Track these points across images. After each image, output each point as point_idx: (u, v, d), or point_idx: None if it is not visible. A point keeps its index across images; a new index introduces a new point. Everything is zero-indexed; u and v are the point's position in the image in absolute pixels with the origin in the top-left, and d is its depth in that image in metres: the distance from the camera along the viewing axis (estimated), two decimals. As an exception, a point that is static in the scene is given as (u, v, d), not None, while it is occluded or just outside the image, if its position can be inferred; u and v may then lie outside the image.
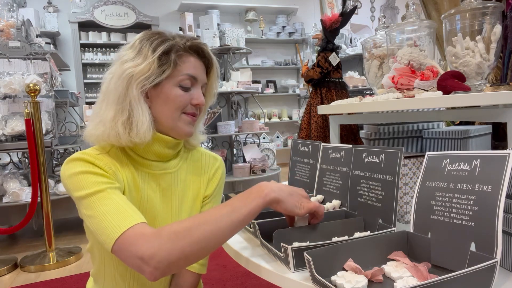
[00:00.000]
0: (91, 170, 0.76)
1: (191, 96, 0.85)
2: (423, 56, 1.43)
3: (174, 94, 0.83)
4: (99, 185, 0.74)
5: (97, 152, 0.82)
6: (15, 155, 3.50)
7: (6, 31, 2.90)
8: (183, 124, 0.85)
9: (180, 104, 0.84)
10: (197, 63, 0.86)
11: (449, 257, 0.66)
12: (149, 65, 0.79)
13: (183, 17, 3.83)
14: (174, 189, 0.91)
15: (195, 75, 0.85)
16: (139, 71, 0.79)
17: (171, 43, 0.82)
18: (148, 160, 0.87)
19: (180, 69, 0.82)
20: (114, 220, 0.69)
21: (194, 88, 0.86)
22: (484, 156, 0.64)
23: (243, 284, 2.01)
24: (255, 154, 3.83)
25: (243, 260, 0.83)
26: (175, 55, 0.81)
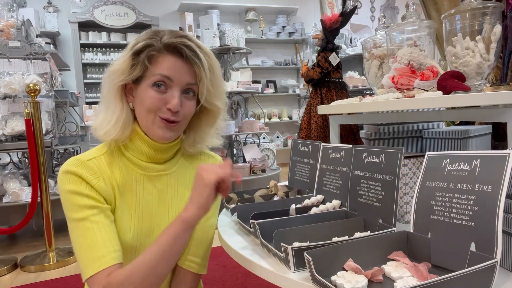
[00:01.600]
0: (78, 190, 0.78)
1: (165, 99, 0.80)
2: (423, 56, 1.43)
3: (147, 95, 0.80)
4: (83, 212, 0.77)
5: (92, 156, 0.84)
6: (15, 155, 3.50)
7: (6, 31, 2.90)
8: (157, 127, 0.82)
9: (151, 106, 0.80)
10: (176, 63, 0.80)
11: (449, 257, 0.66)
12: (122, 63, 0.81)
13: (183, 17, 3.83)
14: (171, 190, 0.90)
15: (169, 75, 0.79)
16: (114, 69, 0.81)
17: (149, 42, 0.80)
18: (143, 162, 0.87)
19: (152, 70, 0.80)
20: (86, 259, 0.75)
21: (170, 91, 0.80)
22: (484, 156, 0.64)
23: (243, 284, 2.01)
24: (255, 154, 3.83)
25: (243, 260, 0.83)
26: (146, 55, 0.80)
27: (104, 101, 0.84)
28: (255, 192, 1.25)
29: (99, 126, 0.83)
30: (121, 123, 0.82)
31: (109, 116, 0.83)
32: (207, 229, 0.96)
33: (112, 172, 0.84)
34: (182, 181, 0.92)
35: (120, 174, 0.85)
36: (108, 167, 0.84)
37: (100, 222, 0.78)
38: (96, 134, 0.84)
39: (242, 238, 0.95)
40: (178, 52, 0.80)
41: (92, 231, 0.76)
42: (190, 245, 0.93)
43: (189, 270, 0.92)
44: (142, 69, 0.80)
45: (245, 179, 3.55)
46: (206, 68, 0.81)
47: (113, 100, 0.83)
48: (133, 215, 0.85)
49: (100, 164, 0.83)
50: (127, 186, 0.85)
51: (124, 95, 0.85)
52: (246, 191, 1.27)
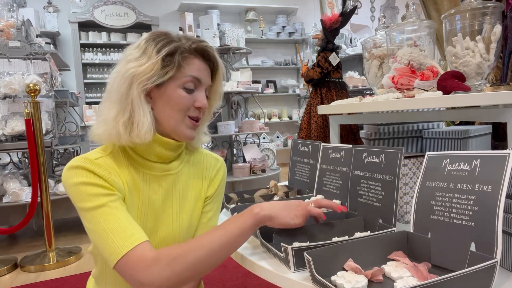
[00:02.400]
0: (91, 181, 0.76)
1: (194, 99, 0.85)
2: (423, 56, 1.43)
3: (177, 95, 0.82)
4: (100, 199, 0.75)
5: (98, 155, 0.82)
6: (15, 155, 3.50)
7: (6, 31, 2.90)
8: (185, 127, 0.85)
9: (183, 106, 0.83)
10: (202, 65, 0.85)
11: (449, 257, 0.66)
12: (152, 65, 0.79)
13: (183, 17, 3.83)
14: (175, 190, 0.91)
15: (199, 77, 0.84)
16: (141, 71, 0.79)
17: (177, 44, 0.82)
18: (150, 161, 0.87)
19: (184, 71, 0.82)
20: (116, 240, 0.71)
21: (197, 91, 0.85)
22: (484, 156, 0.64)
23: (243, 284, 2.01)
24: (255, 154, 3.83)
25: (243, 260, 0.83)
26: (179, 56, 0.81)
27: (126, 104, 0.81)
28: (255, 192, 1.25)
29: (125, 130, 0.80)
30: (152, 126, 0.81)
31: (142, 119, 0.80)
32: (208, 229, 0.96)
33: (120, 171, 0.83)
34: (186, 181, 0.93)
35: (129, 173, 0.85)
36: (116, 166, 0.83)
37: (119, 208, 0.76)
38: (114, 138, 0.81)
39: (242, 238, 0.94)
40: (205, 56, 0.86)
41: (114, 215, 0.74)
42: None
43: None
44: (175, 71, 0.81)
45: (245, 179, 3.55)
46: (220, 71, 0.90)
47: (143, 103, 0.81)
48: (139, 214, 0.85)
49: (108, 163, 0.82)
50: (135, 186, 0.85)
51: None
52: (246, 191, 1.27)
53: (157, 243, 0.86)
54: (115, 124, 0.80)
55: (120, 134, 0.80)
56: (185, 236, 0.91)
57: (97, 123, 0.84)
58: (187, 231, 0.91)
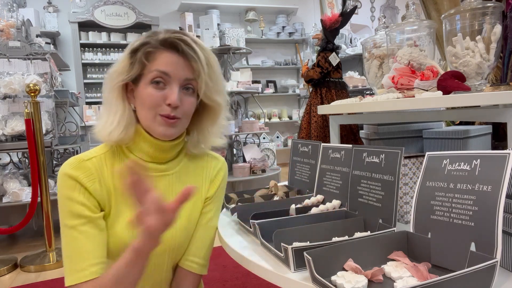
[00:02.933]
0: (71, 196, 0.79)
1: (165, 95, 0.80)
2: (423, 56, 1.43)
3: (146, 92, 0.81)
4: (72, 219, 0.79)
5: (92, 155, 0.84)
6: (15, 155, 3.50)
7: (6, 31, 2.90)
8: (158, 125, 0.82)
9: (151, 104, 0.80)
10: (173, 58, 0.80)
11: (449, 257, 0.66)
12: (121, 63, 0.82)
13: (183, 17, 3.83)
14: (172, 191, 0.90)
15: (167, 71, 0.79)
16: (114, 70, 0.82)
17: (145, 40, 0.81)
18: (145, 162, 0.87)
19: (150, 67, 0.80)
20: (69, 268, 0.78)
21: (169, 87, 0.80)
22: (484, 156, 0.64)
23: (243, 284, 2.01)
24: (255, 154, 3.83)
25: (243, 260, 0.83)
26: (143, 52, 0.80)
27: (106, 103, 0.85)
28: (255, 192, 1.25)
29: (102, 127, 0.84)
30: (124, 124, 0.83)
31: (112, 117, 0.83)
32: (209, 230, 0.96)
33: (111, 173, 0.84)
34: (184, 181, 0.92)
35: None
36: (108, 167, 0.84)
37: (86, 232, 0.79)
38: (99, 135, 0.84)
39: (242, 238, 0.94)
40: (174, 48, 0.80)
41: (78, 241, 0.78)
42: (191, 246, 0.93)
43: (189, 270, 0.92)
44: (140, 67, 0.81)
45: (245, 179, 3.55)
46: (203, 62, 0.81)
47: (114, 101, 0.83)
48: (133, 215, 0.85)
49: (99, 164, 0.84)
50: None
51: (126, 96, 0.85)
52: (246, 191, 1.27)
53: None
54: (102, 124, 0.83)
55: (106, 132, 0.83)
56: (183, 237, 0.90)
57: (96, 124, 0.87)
58: (184, 232, 0.90)
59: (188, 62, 0.81)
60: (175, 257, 0.91)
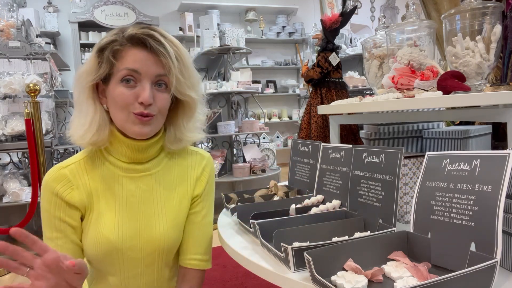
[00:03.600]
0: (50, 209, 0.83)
1: (137, 93, 0.78)
2: (423, 56, 1.43)
3: (116, 92, 0.78)
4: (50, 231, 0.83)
5: (71, 162, 0.85)
6: (15, 155, 3.50)
7: (6, 31, 2.90)
8: (132, 124, 0.80)
9: (123, 103, 0.78)
10: (142, 55, 0.78)
11: (449, 257, 0.66)
12: (90, 63, 0.80)
13: (183, 17, 3.83)
14: (156, 191, 0.89)
15: (136, 68, 0.77)
16: (81, 71, 0.81)
17: (111, 38, 0.79)
18: (125, 163, 0.86)
19: (118, 65, 0.78)
20: None
21: (140, 84, 0.78)
22: (484, 156, 0.64)
23: (243, 284, 2.01)
24: (255, 154, 3.83)
25: (243, 260, 0.83)
26: (110, 51, 0.78)
27: (77, 105, 0.83)
28: (255, 192, 1.25)
29: (74, 130, 0.82)
30: (96, 125, 0.80)
31: (83, 119, 0.81)
32: (205, 227, 0.96)
33: (91, 176, 0.85)
34: (168, 180, 0.91)
35: (101, 177, 0.85)
36: (87, 171, 0.85)
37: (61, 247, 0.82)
38: (72, 139, 0.83)
39: (242, 238, 0.94)
40: (142, 44, 0.78)
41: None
42: (190, 246, 0.93)
43: (193, 268, 0.93)
44: (108, 66, 0.79)
45: (245, 179, 3.54)
46: (173, 57, 0.79)
47: (85, 102, 0.81)
48: (116, 217, 0.85)
49: (77, 170, 0.84)
50: (109, 189, 0.85)
51: (97, 97, 0.83)
52: (246, 191, 1.27)
53: (141, 245, 0.85)
54: (75, 127, 0.82)
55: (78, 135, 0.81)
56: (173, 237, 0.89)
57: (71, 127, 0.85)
58: (173, 232, 0.89)
59: (157, 58, 0.79)
60: (167, 256, 0.91)
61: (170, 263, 0.93)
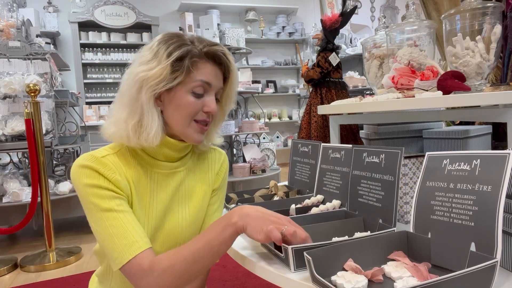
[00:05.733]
0: (98, 183, 0.78)
1: (203, 103, 0.84)
2: (423, 56, 1.43)
3: (186, 100, 0.82)
4: (107, 202, 0.78)
5: (105, 153, 0.83)
6: (15, 155, 3.50)
7: (6, 31, 2.90)
8: (193, 131, 0.85)
9: (191, 111, 0.83)
10: (213, 69, 0.84)
11: (449, 257, 0.66)
12: (161, 70, 0.79)
13: (183, 17, 3.83)
14: (183, 187, 0.92)
15: (209, 81, 0.83)
16: (151, 76, 0.79)
17: (187, 48, 0.81)
18: (158, 160, 0.88)
19: (193, 76, 0.81)
20: (120, 245, 0.76)
21: (207, 95, 0.84)
22: (484, 156, 0.64)
23: (243, 284, 2.01)
24: (255, 154, 3.83)
25: (243, 260, 0.83)
26: (189, 61, 0.80)
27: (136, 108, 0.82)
28: (255, 192, 1.25)
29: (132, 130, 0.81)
30: (155, 128, 0.81)
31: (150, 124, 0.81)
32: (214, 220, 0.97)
33: (127, 169, 0.84)
34: (193, 177, 0.95)
35: (136, 171, 0.85)
36: (123, 164, 0.84)
37: (125, 211, 0.79)
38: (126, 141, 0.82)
39: (242, 238, 0.95)
40: (216, 60, 0.84)
41: (120, 220, 0.77)
42: None
43: None
44: (184, 75, 0.81)
45: (245, 179, 3.55)
46: (235, 74, 0.89)
47: (150, 106, 0.81)
48: (147, 212, 0.86)
49: (115, 161, 0.83)
50: (142, 184, 0.86)
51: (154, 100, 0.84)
52: (246, 191, 1.27)
53: (163, 237, 0.88)
54: (126, 127, 0.81)
55: (130, 137, 0.81)
56: (191, 230, 0.92)
57: (108, 123, 0.85)
58: (192, 225, 0.92)
59: (221, 73, 0.87)
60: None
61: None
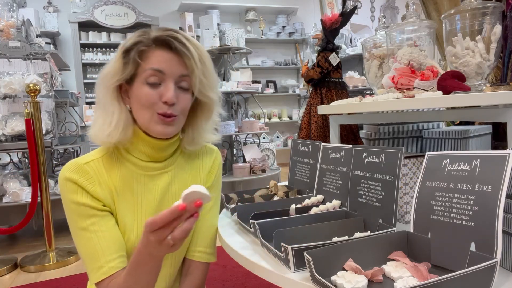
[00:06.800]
0: (75, 199, 0.80)
1: (161, 93, 0.80)
2: (423, 56, 1.43)
3: (141, 92, 0.80)
4: (82, 221, 0.80)
5: (90, 159, 0.84)
6: (15, 155, 3.50)
7: (6, 31, 2.90)
8: (155, 124, 0.81)
9: (148, 102, 0.80)
10: (167, 55, 0.80)
11: (449, 257, 0.66)
12: (114, 64, 0.81)
13: (183, 17, 3.83)
14: (173, 188, 0.91)
15: (161, 69, 0.79)
16: (107, 72, 0.82)
17: (137, 39, 0.81)
18: (143, 162, 0.87)
19: (144, 66, 0.80)
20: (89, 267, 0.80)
21: (164, 84, 0.80)
22: (484, 156, 0.64)
23: (243, 284, 2.01)
24: (255, 154, 3.83)
25: (243, 260, 0.83)
26: (136, 51, 0.80)
27: (100, 105, 0.84)
28: (255, 192, 1.25)
29: (99, 129, 0.83)
30: (122, 125, 0.82)
31: (109, 119, 0.82)
32: (211, 219, 0.98)
33: (110, 175, 0.85)
34: (183, 177, 0.93)
35: (120, 176, 0.85)
36: (106, 170, 0.85)
37: (98, 231, 0.80)
38: (97, 138, 0.84)
39: (242, 238, 0.94)
40: (167, 45, 0.80)
41: (92, 241, 0.79)
42: (196, 237, 0.95)
43: (199, 261, 0.94)
44: (134, 67, 0.81)
45: (245, 179, 3.55)
46: (196, 59, 0.81)
47: (110, 102, 0.83)
48: (135, 216, 0.86)
49: (97, 167, 0.84)
50: (127, 188, 0.86)
51: (121, 97, 0.85)
52: (246, 191, 1.27)
53: None
54: (100, 127, 0.83)
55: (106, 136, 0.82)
56: None
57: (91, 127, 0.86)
58: None
59: (181, 59, 0.81)
60: (180, 252, 0.93)
61: (182, 257, 0.96)
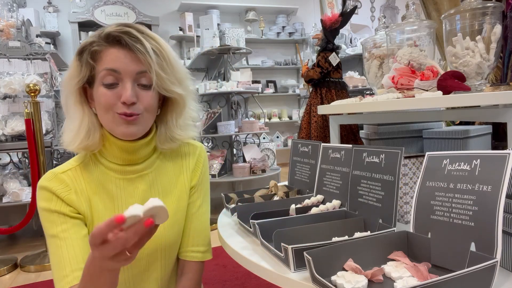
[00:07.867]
0: (48, 207, 0.80)
1: (118, 93, 0.76)
2: (423, 56, 1.43)
3: (99, 94, 0.77)
4: (53, 228, 0.79)
5: (67, 168, 0.84)
6: (15, 155, 3.50)
7: (6, 31, 2.90)
8: (117, 125, 0.78)
9: (107, 104, 0.76)
10: (120, 53, 0.76)
11: (449, 257, 0.66)
12: (71, 67, 0.80)
13: (183, 17, 3.83)
14: (155, 189, 0.89)
15: (115, 68, 0.75)
16: (66, 76, 0.81)
17: (90, 40, 0.79)
18: (120, 166, 0.85)
19: (99, 66, 0.77)
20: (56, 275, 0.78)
21: (121, 84, 0.77)
22: (484, 156, 0.64)
23: (243, 284, 2.01)
24: (255, 154, 3.83)
25: (243, 260, 0.83)
26: (88, 53, 0.77)
27: (65, 111, 0.83)
28: (255, 192, 1.25)
29: (67, 136, 0.82)
30: (85, 130, 0.80)
31: (71, 125, 0.81)
32: (201, 217, 0.96)
33: (88, 182, 0.83)
34: (165, 177, 0.91)
35: (98, 182, 0.84)
36: (83, 177, 0.84)
37: (68, 239, 0.78)
38: (64, 145, 0.82)
39: (242, 238, 0.95)
40: (118, 42, 0.76)
41: (60, 248, 0.78)
42: (188, 238, 0.93)
43: (192, 260, 0.93)
44: (88, 69, 0.78)
45: (245, 179, 3.54)
46: (151, 53, 0.76)
47: (72, 106, 0.81)
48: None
49: (75, 176, 0.83)
50: (107, 193, 0.84)
51: (86, 101, 0.82)
52: (246, 191, 1.27)
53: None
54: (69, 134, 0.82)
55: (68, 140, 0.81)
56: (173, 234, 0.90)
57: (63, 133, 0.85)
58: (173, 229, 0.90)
59: (135, 55, 0.76)
60: (170, 254, 0.92)
61: (174, 258, 0.94)
